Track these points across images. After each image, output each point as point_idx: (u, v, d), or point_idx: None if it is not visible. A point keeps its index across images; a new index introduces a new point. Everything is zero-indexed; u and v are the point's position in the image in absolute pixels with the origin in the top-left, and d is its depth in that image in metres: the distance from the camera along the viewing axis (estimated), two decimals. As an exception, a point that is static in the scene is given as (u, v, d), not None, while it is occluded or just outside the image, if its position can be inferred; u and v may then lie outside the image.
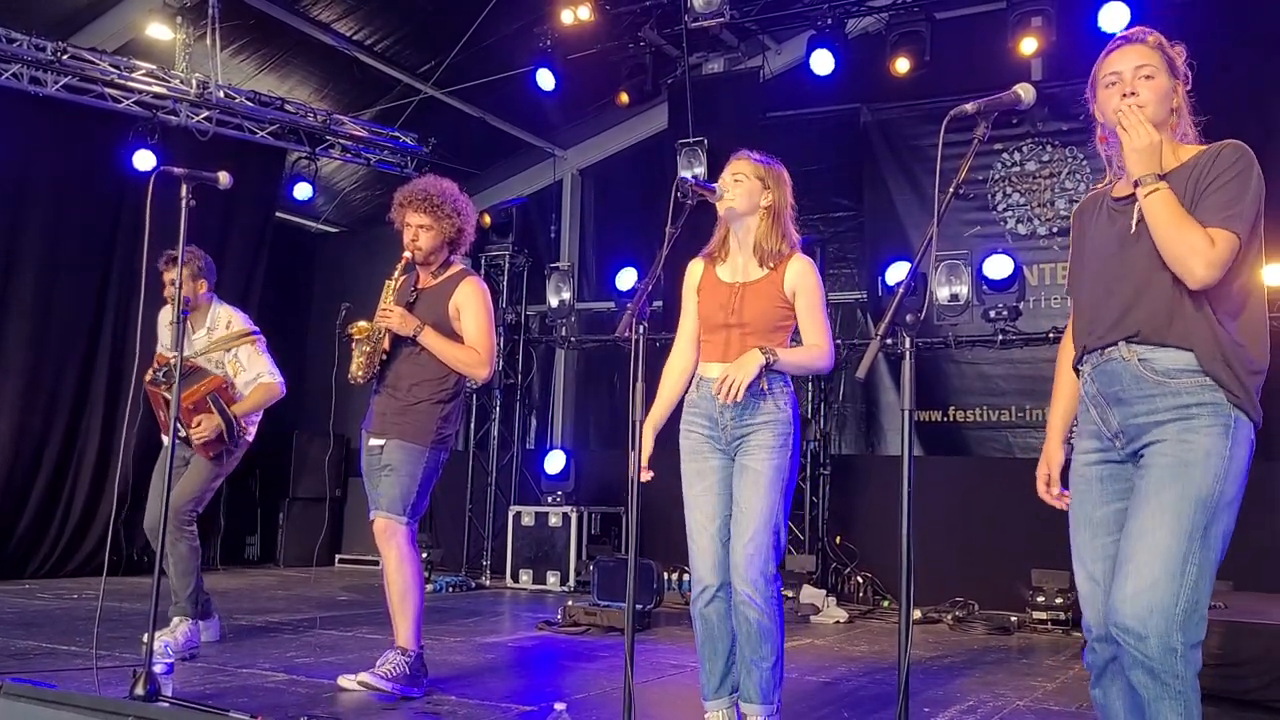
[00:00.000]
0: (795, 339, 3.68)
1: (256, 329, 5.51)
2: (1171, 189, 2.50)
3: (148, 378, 5.27)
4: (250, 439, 5.44)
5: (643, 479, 3.68)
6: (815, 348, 3.61)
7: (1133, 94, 2.60)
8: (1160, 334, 2.51)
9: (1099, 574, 2.62)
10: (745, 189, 3.64)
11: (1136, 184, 2.49)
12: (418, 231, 4.52)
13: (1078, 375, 2.75)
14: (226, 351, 5.37)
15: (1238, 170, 2.49)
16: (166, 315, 5.50)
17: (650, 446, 3.70)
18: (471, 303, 4.51)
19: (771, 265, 3.63)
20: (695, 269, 3.82)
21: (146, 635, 5.10)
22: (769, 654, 3.51)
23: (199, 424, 5.13)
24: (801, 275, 3.61)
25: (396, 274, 4.54)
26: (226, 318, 5.47)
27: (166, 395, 5.08)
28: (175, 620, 5.16)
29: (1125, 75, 2.63)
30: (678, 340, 3.84)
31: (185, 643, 5.09)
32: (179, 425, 5.05)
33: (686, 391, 3.75)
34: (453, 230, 4.57)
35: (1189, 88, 2.68)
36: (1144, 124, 2.51)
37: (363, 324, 4.46)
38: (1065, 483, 2.81)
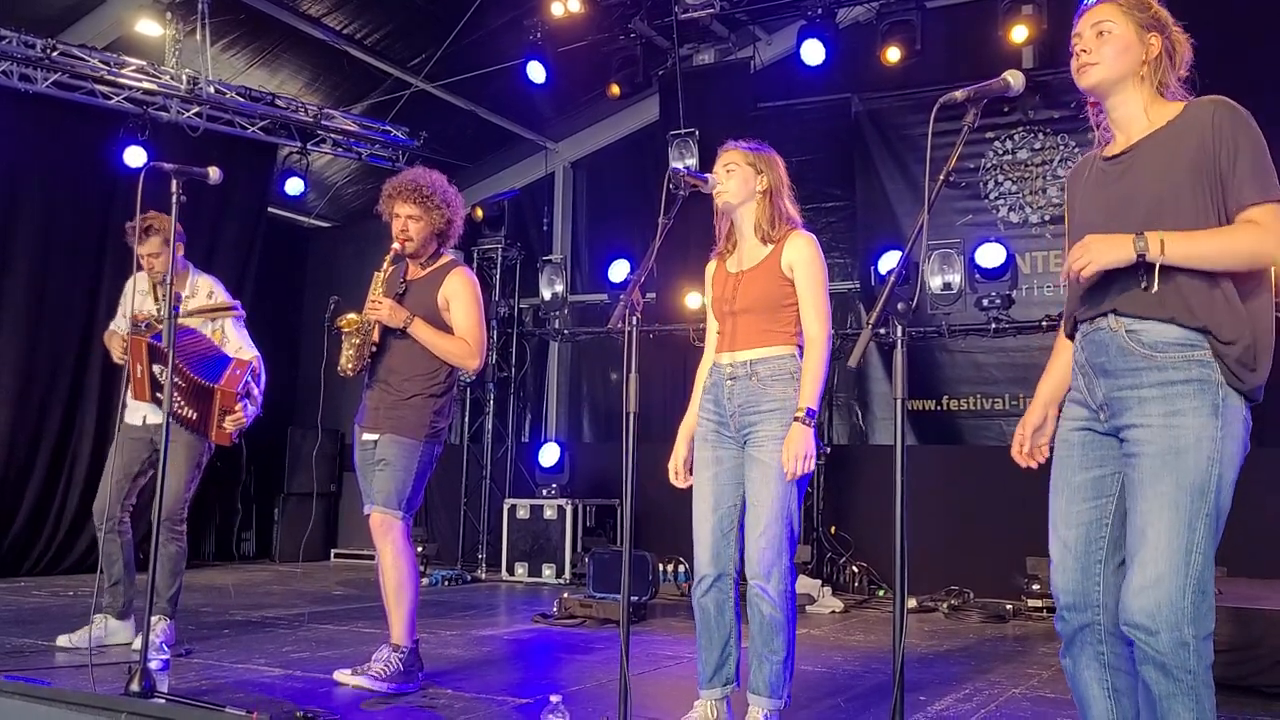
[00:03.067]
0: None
1: (237, 302, 5.45)
2: (1151, 152, 2.51)
3: (116, 354, 5.08)
4: None
5: (680, 485, 3.70)
6: (814, 360, 3.50)
7: (1084, 51, 2.58)
8: (1149, 308, 2.45)
9: (1071, 540, 2.61)
10: (739, 177, 3.64)
11: (1142, 255, 2.39)
12: (406, 222, 4.49)
13: (1073, 341, 2.71)
14: (212, 321, 5.26)
15: (1249, 135, 2.44)
16: (140, 283, 5.42)
17: (685, 452, 3.71)
18: (461, 294, 4.50)
19: (773, 242, 3.63)
20: (710, 269, 3.84)
21: (64, 637, 5.08)
22: (780, 647, 3.51)
23: (239, 409, 5.05)
24: (799, 250, 3.58)
25: (385, 265, 4.52)
26: (208, 288, 5.34)
27: (151, 341, 4.93)
28: (154, 619, 5.12)
29: (1084, 35, 2.61)
30: (708, 342, 3.82)
31: (162, 641, 5.05)
32: (158, 395, 4.95)
33: None
34: (442, 221, 4.55)
35: (1182, 28, 2.61)
36: (1080, 258, 2.44)
37: (351, 316, 4.44)
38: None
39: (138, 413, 5.28)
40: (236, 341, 5.30)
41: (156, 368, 4.97)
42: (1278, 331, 2.50)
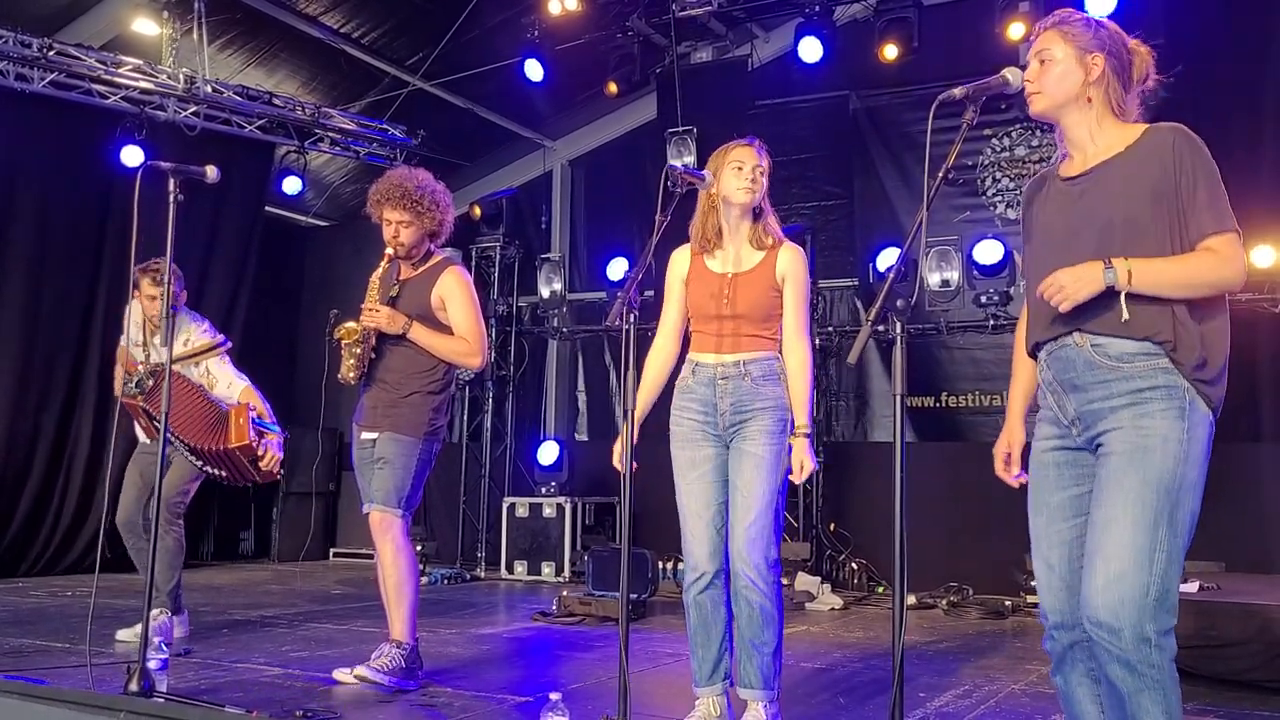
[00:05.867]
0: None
1: (223, 339, 5.49)
2: (1110, 176, 2.53)
3: (117, 390, 5.26)
4: None
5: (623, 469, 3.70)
6: (805, 380, 3.62)
7: (1028, 81, 2.63)
8: (1114, 327, 2.48)
9: (1055, 560, 2.62)
10: (763, 183, 3.70)
11: (1112, 286, 2.42)
12: (398, 228, 4.47)
13: (1034, 359, 2.74)
14: (195, 365, 5.33)
15: (1206, 165, 2.48)
16: (136, 314, 5.46)
17: (635, 436, 3.71)
18: (456, 292, 4.49)
19: (765, 249, 3.67)
20: (681, 259, 3.84)
21: (123, 632, 5.16)
22: (771, 638, 3.53)
23: (266, 450, 5.18)
24: (793, 263, 3.67)
25: (380, 270, 4.52)
26: (185, 335, 5.34)
27: (144, 406, 5.12)
28: (154, 613, 5.12)
29: (1031, 64, 2.66)
30: (661, 330, 3.87)
31: (161, 640, 5.05)
32: (175, 439, 5.05)
33: (675, 379, 3.77)
34: (434, 224, 4.54)
35: (1128, 56, 2.64)
36: (1060, 291, 2.45)
37: (351, 325, 4.42)
38: (1025, 464, 2.83)
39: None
40: (225, 378, 5.35)
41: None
42: (1233, 349, 2.54)
